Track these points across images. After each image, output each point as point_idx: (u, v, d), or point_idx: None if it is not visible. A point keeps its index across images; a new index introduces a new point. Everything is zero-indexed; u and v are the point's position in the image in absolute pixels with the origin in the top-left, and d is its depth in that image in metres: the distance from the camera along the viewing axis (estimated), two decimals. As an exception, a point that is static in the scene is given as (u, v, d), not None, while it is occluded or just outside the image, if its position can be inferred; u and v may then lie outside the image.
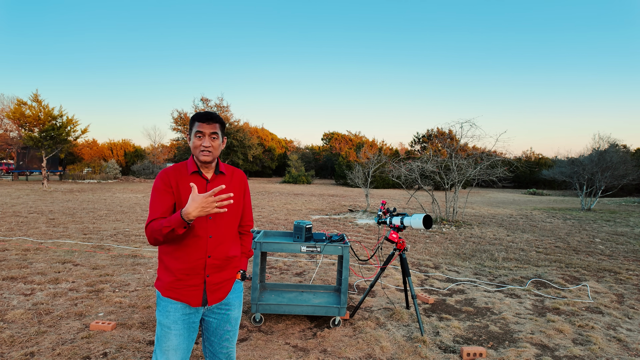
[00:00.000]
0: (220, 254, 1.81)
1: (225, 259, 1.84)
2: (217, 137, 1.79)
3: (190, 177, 1.80)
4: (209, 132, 1.76)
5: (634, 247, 7.79)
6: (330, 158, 38.73)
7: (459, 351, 3.08)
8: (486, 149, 12.32)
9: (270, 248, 3.44)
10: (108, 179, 26.88)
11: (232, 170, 1.95)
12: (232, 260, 1.88)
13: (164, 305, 1.79)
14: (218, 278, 1.83)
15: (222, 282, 1.85)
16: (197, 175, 1.81)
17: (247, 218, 2.02)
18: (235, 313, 1.92)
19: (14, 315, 3.42)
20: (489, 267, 5.90)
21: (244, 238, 2.04)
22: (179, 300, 1.77)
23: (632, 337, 3.48)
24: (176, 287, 1.77)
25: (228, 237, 1.85)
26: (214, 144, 1.78)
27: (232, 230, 1.88)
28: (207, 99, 39.11)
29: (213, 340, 1.91)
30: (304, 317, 3.69)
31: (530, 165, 30.16)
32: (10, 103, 24.91)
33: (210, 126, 1.76)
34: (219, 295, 1.84)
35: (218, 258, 1.80)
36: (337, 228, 9.18)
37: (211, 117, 1.77)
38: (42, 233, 7.27)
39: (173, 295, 1.77)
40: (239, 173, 1.97)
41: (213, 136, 1.77)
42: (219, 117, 1.81)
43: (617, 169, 16.14)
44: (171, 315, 1.77)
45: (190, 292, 1.78)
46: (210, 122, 1.76)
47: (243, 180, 1.97)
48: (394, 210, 3.67)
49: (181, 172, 1.81)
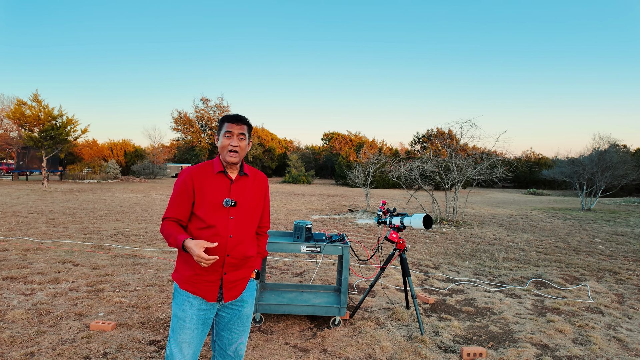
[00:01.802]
0: (238, 253, 1.85)
1: (243, 258, 1.88)
2: (245, 138, 1.86)
3: (216, 176, 1.85)
4: (238, 132, 1.83)
5: (634, 247, 7.79)
6: (330, 158, 38.74)
7: (459, 351, 3.08)
8: (486, 149, 12.33)
9: (270, 248, 3.43)
10: (108, 179, 26.88)
11: (255, 172, 2.00)
12: (248, 260, 1.93)
13: (181, 298, 1.83)
14: (235, 276, 1.87)
15: (238, 280, 1.89)
16: (222, 174, 1.86)
17: (265, 220, 2.08)
18: (247, 310, 1.97)
19: (14, 315, 3.42)
20: (489, 267, 5.90)
21: (260, 239, 2.09)
22: (196, 294, 1.81)
23: (632, 337, 3.48)
24: (194, 281, 1.81)
25: (247, 237, 1.90)
26: (241, 144, 1.84)
27: (251, 231, 1.93)
28: (207, 99, 39.27)
29: (223, 335, 1.95)
30: (304, 317, 3.69)
31: (530, 165, 30.16)
32: (10, 103, 24.97)
33: (239, 127, 1.84)
34: (234, 293, 1.89)
35: (236, 257, 1.84)
36: (337, 228, 9.18)
37: (240, 118, 1.85)
38: (42, 233, 7.27)
39: (190, 288, 1.82)
40: (261, 176, 2.02)
41: (241, 137, 1.84)
42: (247, 120, 1.89)
43: (617, 169, 16.14)
44: (187, 309, 1.81)
45: (208, 287, 1.82)
46: (239, 124, 1.84)
47: (264, 183, 2.03)
48: (394, 210, 3.67)
49: (206, 171, 1.86)
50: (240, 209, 1.85)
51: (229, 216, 1.82)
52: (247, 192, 1.90)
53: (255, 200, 1.93)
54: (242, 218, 1.86)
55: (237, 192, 1.86)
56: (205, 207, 1.80)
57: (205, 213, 1.79)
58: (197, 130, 38.70)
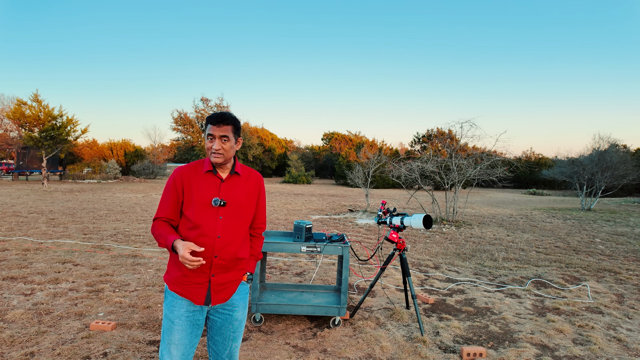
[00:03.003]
0: (227, 254, 1.80)
1: (232, 260, 1.83)
2: (229, 139, 1.78)
3: (205, 176, 1.81)
4: (219, 134, 1.76)
5: (634, 247, 7.79)
6: (330, 158, 38.73)
7: (459, 351, 3.08)
8: (486, 149, 12.32)
9: (270, 248, 3.43)
10: (108, 179, 26.88)
11: (249, 171, 1.95)
12: (239, 262, 1.88)
13: (170, 299, 1.81)
14: (223, 278, 1.83)
15: (227, 283, 1.85)
16: (211, 174, 1.82)
17: (260, 220, 2.01)
18: (239, 314, 1.91)
19: (14, 315, 3.42)
20: (489, 267, 5.90)
21: (254, 240, 2.02)
22: (184, 296, 1.79)
23: (632, 337, 3.48)
24: (182, 282, 1.79)
25: (237, 238, 1.84)
26: (225, 146, 1.77)
27: (242, 232, 1.87)
28: (207, 99, 39.27)
29: (217, 339, 1.91)
30: (304, 317, 3.69)
31: (530, 165, 30.16)
32: (10, 103, 24.97)
33: (220, 129, 1.75)
34: (223, 296, 1.84)
35: (224, 259, 1.80)
36: (337, 228, 9.18)
37: (222, 119, 1.76)
38: (42, 233, 7.27)
39: (178, 290, 1.79)
40: (255, 175, 1.97)
41: (224, 139, 1.77)
42: (232, 118, 1.79)
43: (617, 169, 16.14)
44: (176, 310, 1.79)
45: (195, 289, 1.79)
46: (221, 125, 1.75)
47: (259, 183, 1.97)
48: (394, 210, 3.67)
49: (196, 170, 1.83)
50: (229, 208, 1.81)
51: (217, 216, 1.78)
52: (238, 191, 1.85)
53: (247, 199, 1.88)
54: (232, 218, 1.81)
55: (227, 192, 1.82)
56: (193, 207, 1.76)
57: (193, 213, 1.76)
58: (197, 130, 38.73)
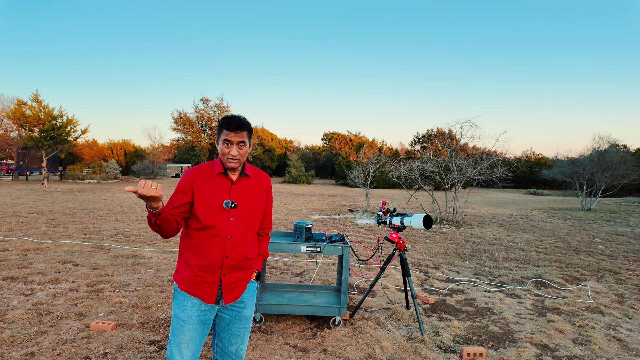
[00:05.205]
0: (237, 255, 1.83)
1: (242, 259, 1.86)
2: (245, 144, 1.80)
3: (216, 178, 1.83)
4: (237, 140, 1.76)
5: (634, 247, 7.79)
6: (330, 158, 38.73)
7: (459, 351, 3.08)
8: (486, 149, 12.32)
9: (270, 248, 3.43)
10: (108, 179, 26.87)
11: (258, 173, 1.97)
12: (248, 262, 1.91)
13: (180, 298, 1.82)
14: (234, 278, 1.86)
15: (237, 282, 1.88)
16: (222, 176, 1.84)
17: (267, 221, 2.05)
18: (247, 312, 1.95)
19: (14, 315, 3.42)
20: (489, 267, 5.90)
21: (261, 240, 2.06)
22: (195, 295, 1.80)
23: (632, 337, 3.48)
24: (193, 282, 1.80)
25: (247, 239, 1.88)
26: (241, 152, 1.79)
27: (251, 233, 1.91)
28: (207, 99, 39.29)
29: (223, 336, 1.93)
30: (304, 317, 3.69)
31: (530, 165, 30.14)
32: (10, 103, 24.96)
33: (238, 135, 1.76)
34: (233, 295, 1.87)
35: (235, 259, 1.83)
36: (337, 228, 9.18)
37: (239, 125, 1.75)
38: (42, 233, 7.27)
39: (189, 289, 1.80)
40: (263, 176, 1.99)
41: (240, 145, 1.78)
42: (247, 123, 1.80)
43: (617, 169, 16.14)
44: (187, 310, 1.80)
45: (206, 288, 1.81)
46: (239, 131, 1.76)
47: (267, 184, 1.99)
48: (394, 210, 3.67)
49: (207, 172, 1.84)
50: (240, 210, 1.83)
51: (228, 217, 1.80)
52: (248, 193, 1.88)
53: (256, 201, 1.91)
54: (243, 219, 1.84)
55: (237, 194, 1.84)
56: (205, 209, 1.78)
57: (204, 214, 1.77)
58: (197, 130, 38.72)
